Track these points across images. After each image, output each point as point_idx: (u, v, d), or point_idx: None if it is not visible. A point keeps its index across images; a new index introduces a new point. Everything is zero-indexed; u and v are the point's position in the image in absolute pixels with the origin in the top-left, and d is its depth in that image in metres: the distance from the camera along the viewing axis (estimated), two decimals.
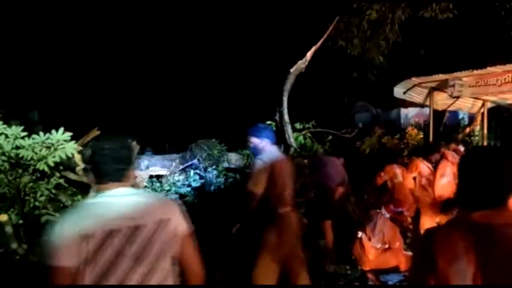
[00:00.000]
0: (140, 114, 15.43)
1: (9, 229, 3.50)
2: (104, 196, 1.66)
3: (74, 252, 1.50)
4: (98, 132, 8.96)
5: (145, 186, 8.02)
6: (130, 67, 15.48)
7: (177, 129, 13.23)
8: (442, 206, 5.32)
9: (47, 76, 13.97)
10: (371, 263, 4.76)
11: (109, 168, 1.68)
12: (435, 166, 5.63)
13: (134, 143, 9.08)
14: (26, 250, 3.70)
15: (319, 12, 9.58)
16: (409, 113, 12.54)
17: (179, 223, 1.72)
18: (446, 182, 5.45)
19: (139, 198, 1.69)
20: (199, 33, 15.37)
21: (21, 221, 4.19)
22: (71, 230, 1.52)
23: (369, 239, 4.73)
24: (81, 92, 14.76)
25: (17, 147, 4.36)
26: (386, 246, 4.74)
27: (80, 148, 7.61)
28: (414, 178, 5.70)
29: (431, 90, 7.58)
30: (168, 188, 7.60)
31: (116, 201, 1.64)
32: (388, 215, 4.91)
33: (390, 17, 9.62)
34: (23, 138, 4.38)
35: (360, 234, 4.80)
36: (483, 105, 7.89)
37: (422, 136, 9.59)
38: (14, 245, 3.52)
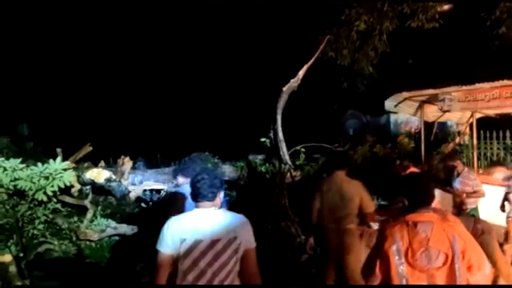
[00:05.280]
0: (132, 123, 15.35)
1: (13, 269, 3.49)
2: (198, 212, 2.45)
3: (173, 246, 2.33)
4: (91, 148, 8.88)
5: (139, 198, 8.02)
6: (118, 76, 15.41)
7: (169, 139, 13.21)
8: None
9: (36, 87, 13.82)
10: None
11: (204, 192, 2.45)
12: None
13: (127, 159, 8.87)
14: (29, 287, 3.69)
15: (309, 24, 9.67)
16: (398, 119, 12.68)
17: (244, 240, 2.39)
18: None
19: (221, 216, 2.42)
20: (198, 46, 15.48)
21: (21, 254, 4.18)
22: (174, 231, 2.36)
23: None
24: (68, 104, 14.64)
25: (15, 179, 4.34)
26: None
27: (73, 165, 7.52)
28: None
29: (422, 103, 7.69)
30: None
31: (205, 216, 2.41)
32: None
33: (378, 27, 9.74)
34: (21, 169, 4.35)
35: None
36: (472, 115, 8.02)
37: (413, 145, 9.68)
38: (18, 283, 3.52)
